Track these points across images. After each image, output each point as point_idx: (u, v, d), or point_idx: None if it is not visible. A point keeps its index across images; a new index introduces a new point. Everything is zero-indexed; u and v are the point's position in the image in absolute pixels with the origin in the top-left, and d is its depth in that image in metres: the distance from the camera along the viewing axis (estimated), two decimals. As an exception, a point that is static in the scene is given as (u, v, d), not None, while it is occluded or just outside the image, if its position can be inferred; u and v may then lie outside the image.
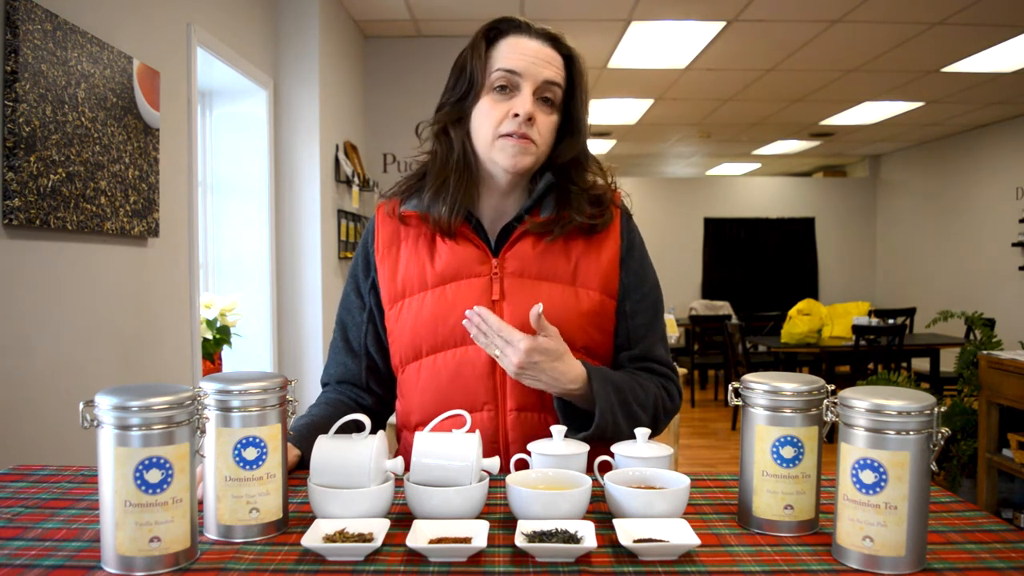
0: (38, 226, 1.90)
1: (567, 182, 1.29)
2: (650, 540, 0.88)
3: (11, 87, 1.80)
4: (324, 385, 1.41)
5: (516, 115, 1.21)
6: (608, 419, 1.19)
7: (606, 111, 6.87)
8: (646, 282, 1.34)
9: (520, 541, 0.85)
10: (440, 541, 0.88)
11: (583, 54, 1.30)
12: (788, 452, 0.94)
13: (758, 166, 10.59)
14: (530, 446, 1.10)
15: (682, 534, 0.89)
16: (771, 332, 6.65)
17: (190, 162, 2.79)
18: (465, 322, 1.20)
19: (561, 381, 1.18)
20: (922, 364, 6.21)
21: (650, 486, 1.01)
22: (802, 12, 4.32)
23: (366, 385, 1.37)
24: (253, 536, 0.93)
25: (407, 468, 1.06)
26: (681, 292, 9.66)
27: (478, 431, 1.05)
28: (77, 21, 2.06)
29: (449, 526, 0.91)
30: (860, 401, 0.85)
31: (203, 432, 0.89)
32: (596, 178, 1.33)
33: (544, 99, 1.24)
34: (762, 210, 9.94)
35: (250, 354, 3.55)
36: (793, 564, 0.86)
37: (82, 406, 0.84)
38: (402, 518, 0.97)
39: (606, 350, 1.31)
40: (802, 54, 5.10)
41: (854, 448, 0.86)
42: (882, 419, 0.84)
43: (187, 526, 0.85)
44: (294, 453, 1.17)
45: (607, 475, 1.01)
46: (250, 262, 3.56)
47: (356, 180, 4.26)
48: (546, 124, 1.25)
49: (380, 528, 0.90)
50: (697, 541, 0.87)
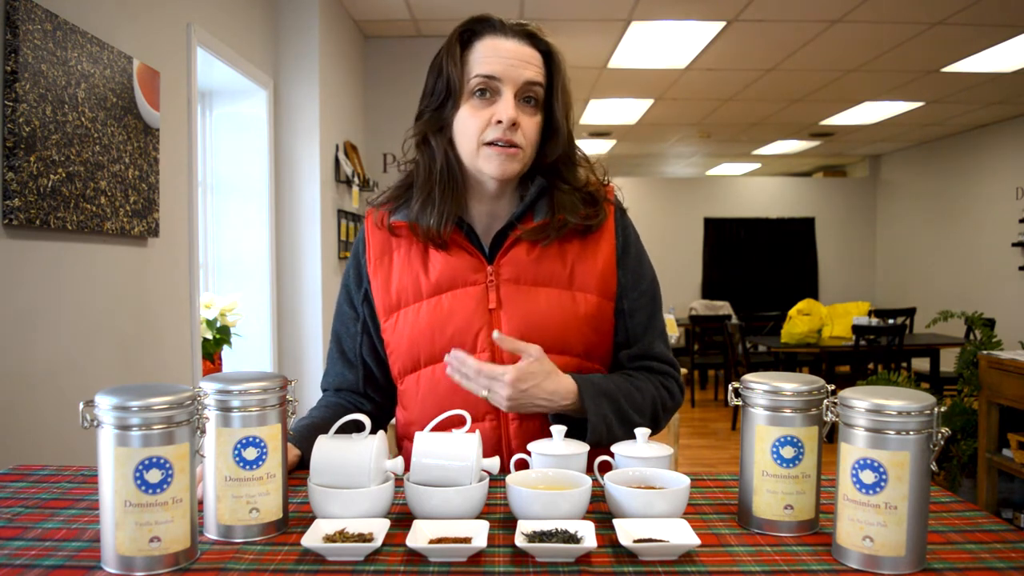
0: (38, 226, 1.90)
1: (559, 183, 1.26)
2: (650, 540, 0.88)
3: (11, 87, 1.80)
4: (324, 391, 1.41)
5: (499, 121, 1.18)
6: (602, 429, 1.18)
7: (606, 111, 6.87)
8: (643, 279, 1.32)
9: (520, 541, 0.85)
10: (440, 541, 0.88)
11: (583, 54, 1.29)
12: (788, 452, 0.94)
13: (758, 166, 10.59)
14: (530, 446, 1.10)
15: (682, 534, 0.89)
16: (771, 332, 6.65)
17: (190, 162, 2.79)
18: (448, 370, 1.17)
19: (555, 400, 1.17)
20: (922, 364, 6.21)
21: (650, 486, 1.01)
22: (802, 12, 4.32)
23: (364, 393, 1.37)
24: (253, 536, 0.93)
25: (407, 469, 1.06)
26: (681, 292, 9.66)
27: (478, 431, 1.05)
28: (77, 21, 2.06)
29: (449, 526, 0.91)
30: (860, 401, 0.85)
31: (203, 432, 0.89)
32: (587, 174, 1.30)
33: (526, 99, 1.21)
34: (762, 210, 9.94)
35: (250, 354, 3.55)
36: (793, 564, 0.86)
37: (82, 406, 0.84)
38: (402, 518, 0.97)
39: (605, 351, 1.30)
40: (802, 54, 5.10)
41: (854, 448, 0.86)
42: (882, 419, 0.84)
43: (187, 526, 0.85)
44: (294, 453, 1.17)
45: (607, 475, 1.01)
46: (250, 262, 3.56)
47: (356, 180, 4.26)
48: (530, 126, 1.22)
49: (380, 528, 0.90)
50: (697, 541, 0.87)
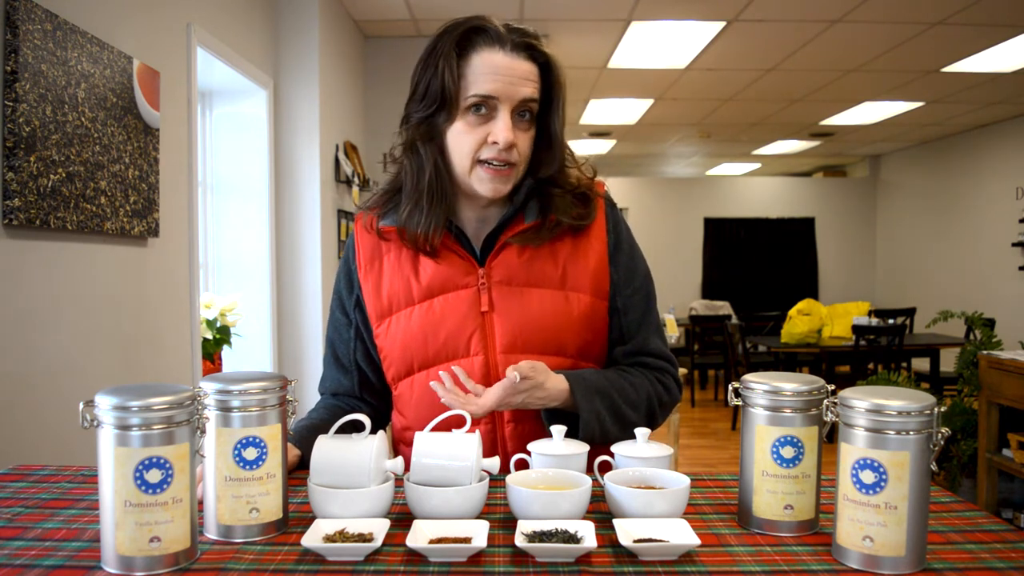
0: (38, 226, 1.90)
1: (550, 185, 1.25)
2: (650, 540, 0.88)
3: (11, 87, 1.80)
4: (321, 394, 1.41)
5: (495, 142, 1.16)
6: (594, 426, 1.18)
7: (606, 111, 6.87)
8: (636, 275, 1.31)
9: (520, 541, 0.85)
10: (440, 541, 0.88)
11: (583, 54, 1.28)
12: (788, 452, 0.94)
13: (758, 166, 10.59)
14: (530, 446, 1.10)
15: (682, 534, 0.89)
16: (771, 332, 6.65)
17: (190, 162, 2.79)
18: (444, 400, 1.14)
19: (547, 401, 1.17)
20: (922, 364, 6.21)
21: (650, 486, 1.01)
22: (802, 12, 4.32)
23: (361, 396, 1.37)
24: (253, 536, 0.93)
25: (407, 469, 1.06)
26: (681, 292, 9.65)
27: (478, 431, 1.05)
28: (77, 21, 2.06)
29: (449, 526, 0.92)
30: (860, 401, 0.85)
31: (203, 432, 0.89)
32: (577, 174, 1.28)
33: (520, 113, 1.19)
34: (762, 210, 9.94)
35: (250, 354, 3.55)
36: (793, 564, 0.86)
37: (82, 406, 0.84)
38: (402, 518, 0.98)
39: (599, 350, 1.30)
40: (802, 54, 5.10)
41: (854, 448, 0.86)
42: (882, 419, 0.84)
43: (187, 526, 0.85)
44: (294, 453, 1.17)
45: (607, 475, 1.01)
46: (250, 262, 3.56)
47: (356, 180, 4.26)
48: (525, 141, 1.20)
49: (380, 528, 0.90)
50: (697, 541, 0.87)
